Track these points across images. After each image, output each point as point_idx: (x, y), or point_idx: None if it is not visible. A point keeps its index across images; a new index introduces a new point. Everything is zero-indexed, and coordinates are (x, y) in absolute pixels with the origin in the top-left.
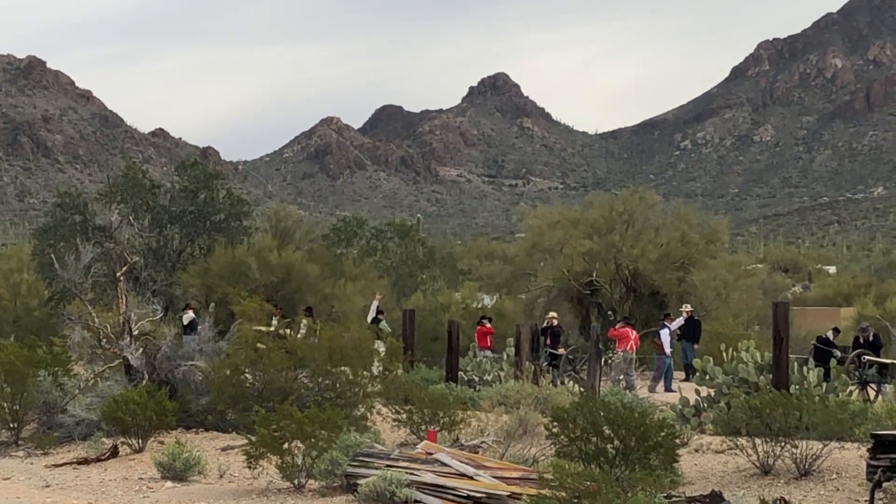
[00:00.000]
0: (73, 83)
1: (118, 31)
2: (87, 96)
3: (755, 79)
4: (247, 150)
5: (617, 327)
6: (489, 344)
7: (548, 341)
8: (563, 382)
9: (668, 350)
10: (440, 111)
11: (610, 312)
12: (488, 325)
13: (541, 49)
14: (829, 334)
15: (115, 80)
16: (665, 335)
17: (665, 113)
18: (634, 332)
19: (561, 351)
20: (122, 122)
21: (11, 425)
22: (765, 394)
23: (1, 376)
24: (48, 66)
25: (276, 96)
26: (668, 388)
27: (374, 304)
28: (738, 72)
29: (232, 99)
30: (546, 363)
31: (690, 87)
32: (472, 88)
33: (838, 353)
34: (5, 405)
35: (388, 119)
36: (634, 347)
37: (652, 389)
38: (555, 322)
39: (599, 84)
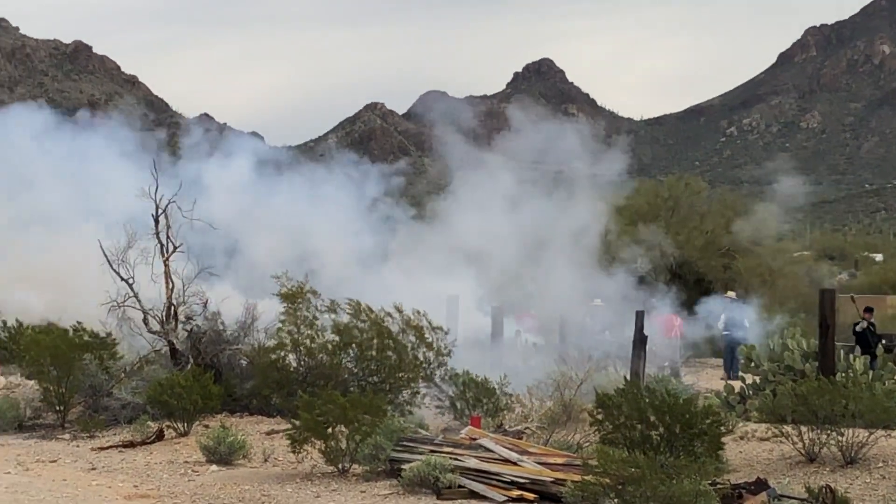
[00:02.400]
0: (118, 68)
1: (163, 16)
2: (132, 81)
3: (802, 65)
4: (291, 135)
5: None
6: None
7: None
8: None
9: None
10: (484, 97)
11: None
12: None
13: (586, 34)
14: (863, 320)
15: (161, 65)
16: (723, 320)
17: (711, 99)
18: (679, 319)
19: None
20: (167, 108)
21: (58, 408)
22: (811, 381)
23: (47, 360)
24: (94, 50)
25: (321, 82)
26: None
27: None
28: (784, 58)
29: (277, 84)
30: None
31: (737, 73)
32: (516, 74)
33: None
34: (52, 388)
35: (432, 105)
36: (679, 334)
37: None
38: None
39: (645, 70)
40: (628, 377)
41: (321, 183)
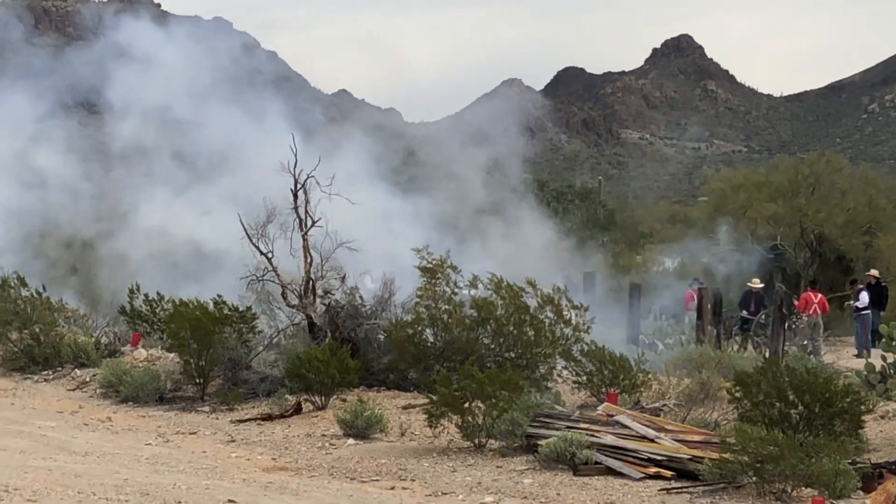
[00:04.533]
0: (258, 45)
1: None
2: (271, 58)
3: None
4: (428, 111)
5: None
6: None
7: (752, 307)
8: (755, 347)
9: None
10: (623, 73)
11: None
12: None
13: (725, 10)
14: None
15: (298, 41)
16: (864, 297)
17: (852, 76)
18: (819, 296)
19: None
20: (306, 83)
21: (198, 381)
22: None
23: (188, 333)
24: (234, 27)
25: (458, 58)
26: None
27: None
28: None
29: (413, 60)
30: (737, 327)
31: (879, 49)
32: (655, 50)
33: None
34: (192, 361)
35: (570, 81)
36: (819, 312)
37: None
38: (759, 287)
39: (785, 46)
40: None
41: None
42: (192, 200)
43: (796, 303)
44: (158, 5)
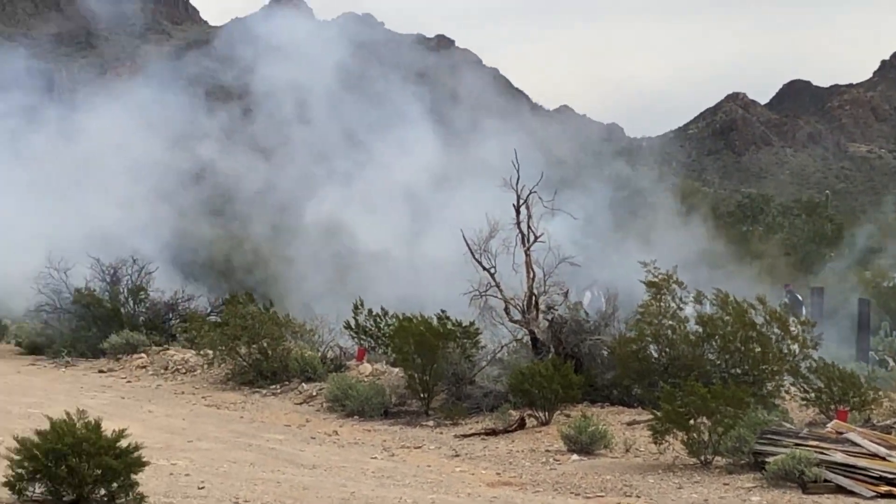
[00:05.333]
0: (479, 61)
1: (522, 9)
2: (493, 74)
3: None
4: (650, 126)
5: None
6: None
7: None
8: None
9: None
10: (850, 85)
11: None
12: None
13: None
14: None
15: (519, 58)
16: None
17: None
18: None
19: None
20: (527, 100)
21: (422, 396)
22: None
23: (412, 348)
24: (456, 44)
25: (679, 73)
26: None
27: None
28: None
29: (635, 76)
30: None
31: None
32: (883, 62)
33: None
34: (416, 376)
35: (796, 94)
36: None
37: None
38: None
39: None
40: None
41: None
42: (412, 220)
43: None
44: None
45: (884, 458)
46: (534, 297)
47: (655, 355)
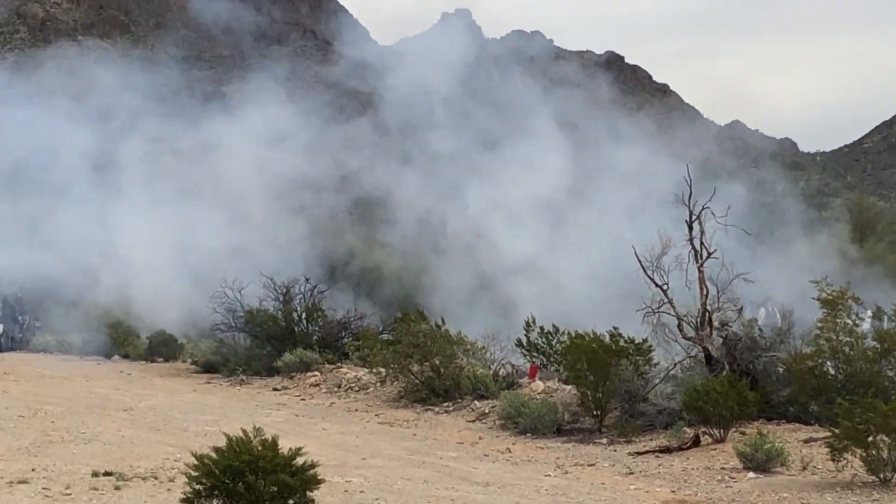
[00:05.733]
0: (650, 77)
1: (691, 25)
2: (663, 90)
3: None
4: (825, 140)
5: None
6: None
7: None
8: None
9: None
10: None
11: None
12: None
13: None
14: None
15: (689, 74)
16: None
17: None
18: None
19: None
20: (698, 115)
21: (595, 413)
22: None
23: (584, 365)
24: (626, 60)
25: (853, 86)
26: None
27: None
28: None
29: (807, 90)
30: None
31: None
32: None
33: None
34: (589, 393)
35: None
36: None
37: None
38: None
39: None
40: None
41: None
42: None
43: None
44: (550, 41)
45: None
46: (707, 314)
47: (832, 372)
